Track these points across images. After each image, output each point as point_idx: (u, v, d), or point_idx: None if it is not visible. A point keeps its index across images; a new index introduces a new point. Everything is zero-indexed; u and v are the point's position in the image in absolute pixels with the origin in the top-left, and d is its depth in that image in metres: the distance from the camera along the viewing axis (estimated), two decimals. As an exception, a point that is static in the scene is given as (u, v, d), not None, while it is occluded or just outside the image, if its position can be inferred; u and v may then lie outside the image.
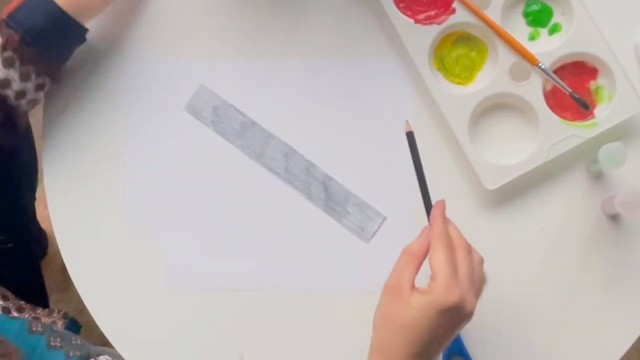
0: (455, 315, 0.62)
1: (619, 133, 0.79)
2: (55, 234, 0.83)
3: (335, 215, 0.79)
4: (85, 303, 0.82)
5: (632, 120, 0.78)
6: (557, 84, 0.78)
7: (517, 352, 0.78)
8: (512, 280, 0.79)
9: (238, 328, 0.80)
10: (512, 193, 0.80)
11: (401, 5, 0.81)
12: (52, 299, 1.07)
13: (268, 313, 0.80)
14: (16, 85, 0.75)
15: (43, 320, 0.84)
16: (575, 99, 0.78)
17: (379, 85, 0.82)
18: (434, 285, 0.62)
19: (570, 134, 0.78)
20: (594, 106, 0.79)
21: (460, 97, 0.79)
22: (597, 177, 0.80)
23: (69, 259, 0.83)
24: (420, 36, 0.80)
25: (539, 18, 0.81)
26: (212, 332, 0.80)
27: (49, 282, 1.03)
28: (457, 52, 0.81)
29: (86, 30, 0.80)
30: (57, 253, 0.83)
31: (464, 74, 0.81)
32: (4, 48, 0.74)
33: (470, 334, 0.78)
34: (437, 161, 0.81)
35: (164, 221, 0.83)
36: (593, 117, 0.79)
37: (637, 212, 0.72)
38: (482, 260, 0.68)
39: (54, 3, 0.75)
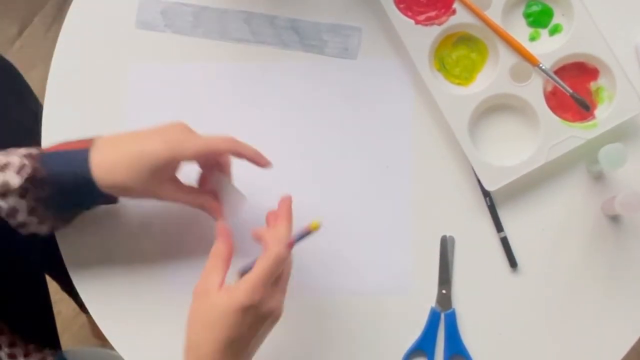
0: (255, 315, 0.67)
1: (620, 134, 0.79)
2: (55, 235, 0.83)
3: (316, 50, 0.80)
4: (86, 303, 0.82)
5: (632, 121, 0.78)
6: (557, 85, 0.78)
7: (517, 352, 0.78)
8: (512, 280, 0.79)
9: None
10: (513, 194, 0.80)
11: (401, 5, 0.81)
12: (53, 299, 1.07)
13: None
14: (21, 217, 0.72)
15: (32, 357, 0.84)
16: (576, 100, 0.78)
17: (379, 85, 0.82)
18: (239, 283, 0.66)
19: (571, 134, 0.78)
20: (594, 107, 0.79)
21: (460, 97, 0.79)
22: (598, 178, 0.80)
23: (68, 259, 0.83)
24: (420, 37, 0.80)
25: (539, 19, 0.81)
26: (212, 333, 0.80)
27: (50, 283, 1.03)
28: (458, 53, 0.81)
29: (116, 199, 0.76)
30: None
31: (464, 74, 0.81)
32: (28, 180, 0.70)
33: (471, 334, 0.79)
34: (437, 162, 0.81)
35: (164, 220, 0.83)
36: (593, 118, 0.79)
37: (638, 213, 0.72)
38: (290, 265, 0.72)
39: (87, 168, 0.70)
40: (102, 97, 0.85)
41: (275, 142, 0.83)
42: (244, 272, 0.69)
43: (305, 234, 0.69)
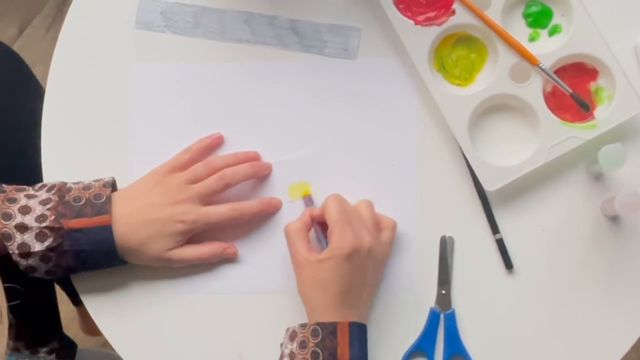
0: (359, 257, 0.72)
1: (619, 134, 0.79)
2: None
3: (316, 50, 0.81)
4: (85, 303, 0.82)
5: (632, 122, 0.78)
6: (557, 85, 0.78)
7: (516, 352, 0.79)
8: (512, 281, 0.79)
9: (237, 329, 0.80)
10: (512, 194, 0.80)
11: (401, 6, 0.81)
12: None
13: (267, 313, 0.80)
14: (37, 273, 0.76)
15: (38, 350, 0.85)
16: (576, 100, 0.78)
17: (379, 85, 0.82)
18: (331, 241, 0.73)
19: (570, 135, 0.78)
20: (593, 107, 0.79)
21: (460, 98, 0.79)
22: (597, 178, 0.80)
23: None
24: (420, 37, 0.80)
25: (539, 19, 0.81)
26: (211, 333, 0.81)
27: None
28: (457, 53, 0.81)
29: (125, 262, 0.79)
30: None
31: (464, 75, 0.81)
32: (50, 249, 0.74)
33: (471, 335, 0.79)
34: (436, 162, 0.81)
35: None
36: (593, 118, 0.79)
37: (637, 213, 0.72)
38: (369, 204, 0.78)
39: (114, 247, 0.75)
40: (102, 97, 0.85)
41: (276, 142, 0.83)
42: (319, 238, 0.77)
43: None
